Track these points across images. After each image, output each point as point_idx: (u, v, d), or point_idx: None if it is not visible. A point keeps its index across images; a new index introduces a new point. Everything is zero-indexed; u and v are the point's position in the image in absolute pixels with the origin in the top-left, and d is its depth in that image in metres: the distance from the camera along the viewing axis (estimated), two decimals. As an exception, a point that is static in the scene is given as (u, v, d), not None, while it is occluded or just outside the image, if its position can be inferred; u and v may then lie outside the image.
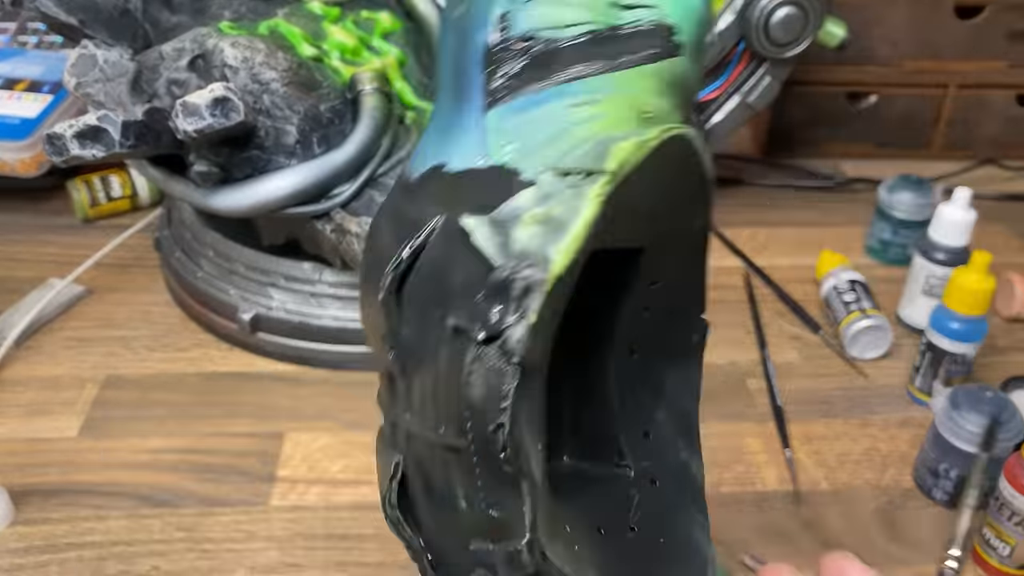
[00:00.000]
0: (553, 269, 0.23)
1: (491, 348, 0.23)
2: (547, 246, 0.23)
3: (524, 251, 0.24)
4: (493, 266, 0.24)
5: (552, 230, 0.24)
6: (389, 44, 0.68)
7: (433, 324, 0.25)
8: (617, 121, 0.26)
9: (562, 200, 0.24)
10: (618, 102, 0.26)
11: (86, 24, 0.60)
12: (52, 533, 0.53)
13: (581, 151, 0.25)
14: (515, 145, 0.26)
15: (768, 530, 0.54)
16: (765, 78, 0.72)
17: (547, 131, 0.26)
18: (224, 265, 0.68)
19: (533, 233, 0.24)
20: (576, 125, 0.26)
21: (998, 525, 0.50)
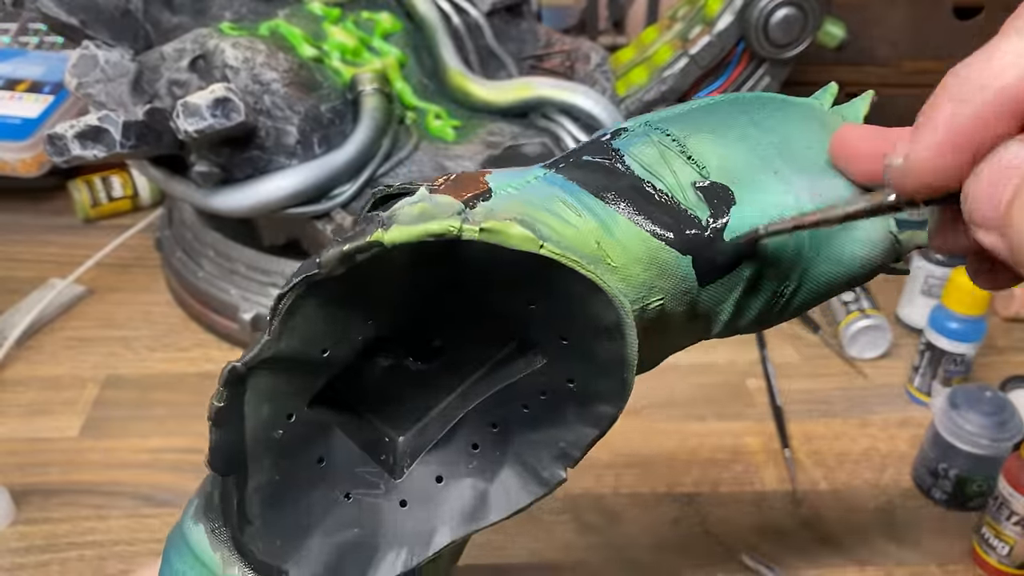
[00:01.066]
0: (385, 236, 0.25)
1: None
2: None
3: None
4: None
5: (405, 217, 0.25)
6: (389, 45, 0.69)
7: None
8: (565, 237, 0.26)
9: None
10: (590, 229, 0.27)
11: (87, 25, 0.60)
12: (53, 532, 0.53)
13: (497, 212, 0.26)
14: (510, 192, 0.27)
15: (767, 529, 0.54)
16: (764, 78, 0.72)
17: (526, 199, 0.27)
18: (225, 265, 0.68)
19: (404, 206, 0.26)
20: (544, 211, 0.27)
21: (997, 525, 0.50)
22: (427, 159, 0.63)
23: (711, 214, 0.28)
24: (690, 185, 0.28)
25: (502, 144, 0.64)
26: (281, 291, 0.26)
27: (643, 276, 0.27)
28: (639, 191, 0.28)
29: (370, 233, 0.25)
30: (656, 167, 0.28)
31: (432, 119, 0.67)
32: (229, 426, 0.27)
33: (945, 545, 0.54)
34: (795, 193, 0.28)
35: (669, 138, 0.29)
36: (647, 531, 0.54)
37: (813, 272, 0.30)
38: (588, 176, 0.28)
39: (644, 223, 0.27)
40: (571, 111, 0.67)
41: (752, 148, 0.29)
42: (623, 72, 0.73)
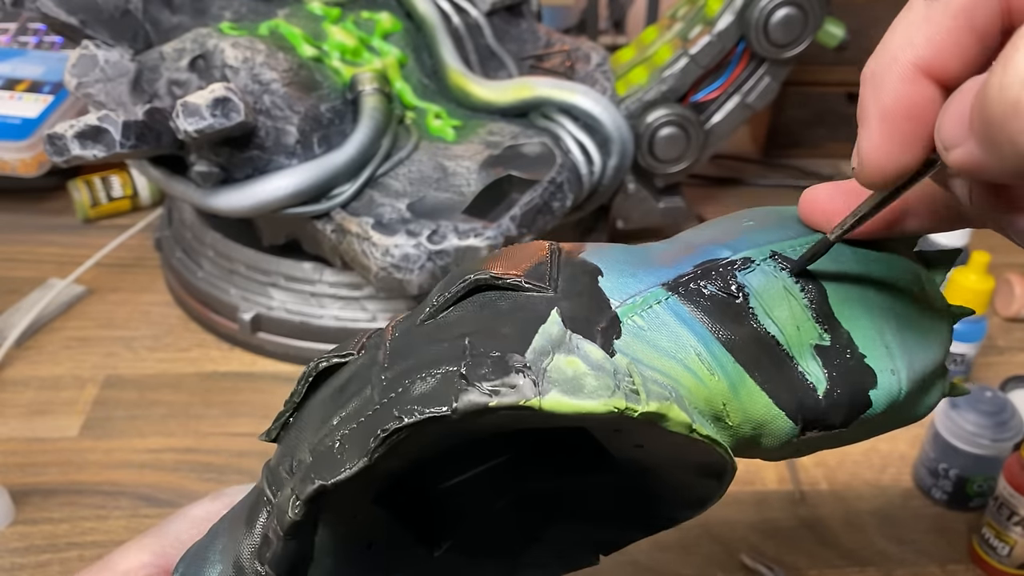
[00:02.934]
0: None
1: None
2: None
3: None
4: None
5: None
6: (389, 45, 0.69)
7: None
8: (698, 398, 0.26)
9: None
10: (720, 390, 0.26)
11: (87, 24, 0.60)
12: (53, 532, 0.53)
13: (633, 378, 0.25)
14: (639, 325, 0.26)
15: (767, 529, 0.54)
16: (764, 78, 0.72)
17: (659, 343, 0.26)
18: (225, 265, 0.68)
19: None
20: (681, 368, 0.26)
21: (997, 525, 0.50)
22: (427, 159, 0.63)
23: (828, 387, 0.27)
24: (809, 347, 0.28)
25: (502, 144, 0.64)
26: (397, 425, 0.22)
27: (751, 434, 0.27)
28: (764, 347, 0.27)
29: (523, 394, 0.22)
30: (785, 325, 0.27)
31: (432, 119, 0.67)
32: (301, 537, 0.25)
33: (945, 545, 0.54)
34: (899, 377, 0.29)
35: (799, 290, 0.28)
36: (647, 531, 0.54)
37: (879, 430, 0.31)
38: (715, 317, 0.27)
39: (769, 390, 0.27)
40: (571, 111, 0.67)
41: (873, 321, 0.29)
42: (623, 72, 0.73)
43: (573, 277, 0.27)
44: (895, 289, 0.29)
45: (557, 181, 0.62)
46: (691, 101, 0.72)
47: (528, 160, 0.64)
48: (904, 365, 0.29)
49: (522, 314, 0.25)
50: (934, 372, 0.30)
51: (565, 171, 0.63)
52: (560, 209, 0.63)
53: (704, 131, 0.73)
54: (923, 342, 0.30)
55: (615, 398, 0.23)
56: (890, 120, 0.21)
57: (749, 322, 0.27)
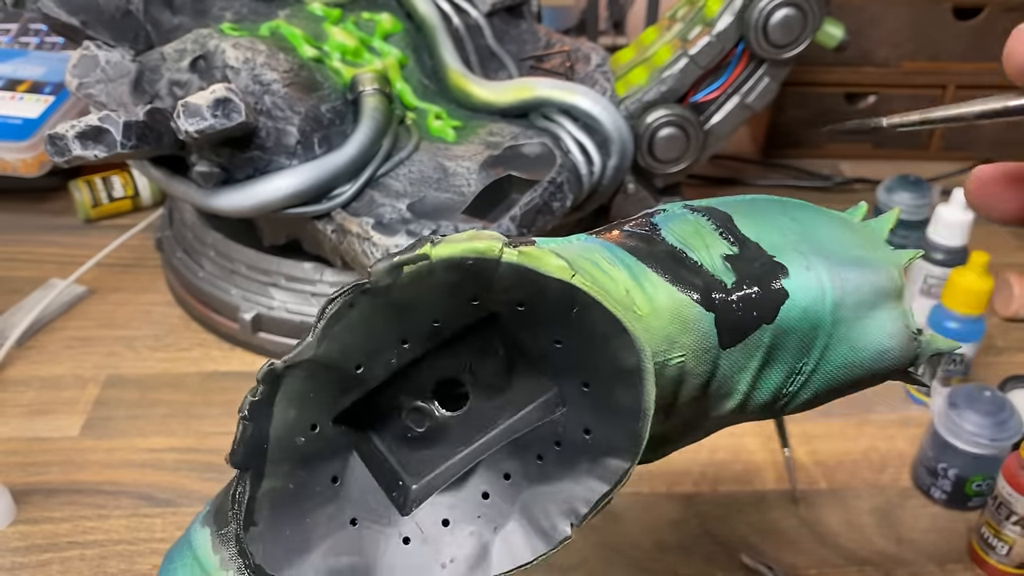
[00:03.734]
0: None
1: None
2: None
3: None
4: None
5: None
6: (390, 45, 0.69)
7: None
8: (604, 283, 0.28)
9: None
10: (621, 278, 0.28)
11: (88, 25, 0.60)
12: (54, 532, 0.53)
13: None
14: (552, 247, 0.29)
15: (767, 529, 0.54)
16: (764, 79, 0.72)
17: (569, 247, 0.29)
18: (225, 265, 0.68)
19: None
20: (580, 258, 0.28)
21: (996, 525, 0.51)
22: (427, 159, 0.63)
23: (735, 280, 0.29)
24: (719, 256, 0.30)
25: (502, 144, 0.64)
26: (330, 296, 0.27)
27: (667, 329, 0.28)
28: (672, 255, 0.30)
29: (419, 247, 0.27)
30: (690, 240, 0.30)
31: (432, 119, 0.67)
32: (257, 422, 0.27)
33: (945, 545, 0.54)
34: (816, 274, 0.30)
35: (705, 219, 0.31)
36: (647, 531, 0.54)
37: (831, 354, 0.31)
38: (626, 241, 0.30)
39: (673, 280, 0.29)
40: (571, 111, 0.67)
41: (782, 234, 0.31)
42: (623, 72, 0.73)
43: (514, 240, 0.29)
44: (815, 223, 0.32)
45: (557, 181, 0.62)
46: (691, 101, 0.73)
47: (528, 160, 0.64)
48: (824, 267, 0.30)
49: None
50: (877, 292, 0.30)
51: (565, 171, 0.64)
52: (560, 209, 0.63)
53: (704, 131, 0.73)
54: (854, 261, 0.31)
55: (494, 241, 0.27)
56: None
57: (659, 243, 0.30)
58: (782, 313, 0.29)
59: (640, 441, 0.28)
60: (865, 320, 0.31)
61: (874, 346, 0.31)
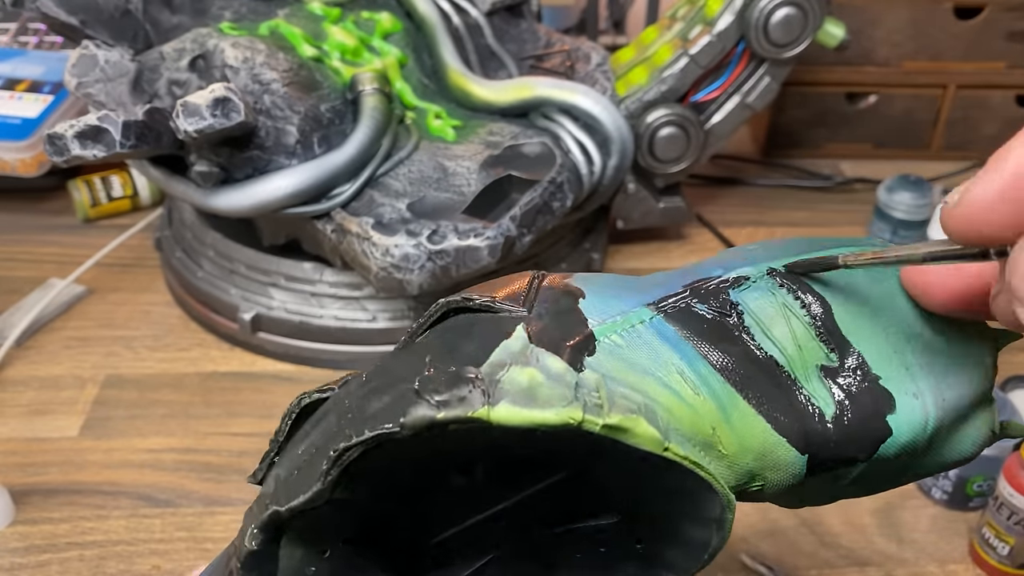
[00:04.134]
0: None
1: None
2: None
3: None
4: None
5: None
6: (389, 45, 0.69)
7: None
8: (681, 419, 0.23)
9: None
10: (708, 412, 0.24)
11: (87, 24, 0.60)
12: (53, 532, 0.53)
13: (609, 396, 0.23)
14: (615, 342, 0.24)
15: (767, 529, 0.54)
16: (764, 78, 0.72)
17: (636, 361, 0.24)
18: (225, 265, 0.68)
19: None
20: (659, 385, 0.24)
21: (997, 525, 0.50)
22: (427, 159, 0.63)
23: (836, 412, 0.25)
24: (815, 367, 0.25)
25: (502, 144, 0.64)
26: (347, 444, 0.22)
27: (752, 466, 0.25)
28: (762, 368, 0.25)
29: (471, 405, 0.21)
30: (782, 339, 0.25)
31: (432, 119, 0.67)
32: (261, 569, 0.24)
33: (945, 545, 0.54)
34: (923, 401, 0.26)
35: (798, 304, 0.26)
36: (647, 531, 0.54)
37: (914, 472, 0.28)
38: (704, 337, 0.25)
39: (765, 412, 0.25)
40: (571, 111, 0.67)
41: (886, 334, 0.26)
42: (623, 72, 0.73)
43: (553, 299, 0.25)
44: (916, 309, 0.27)
45: (557, 181, 0.62)
46: (691, 101, 0.72)
47: (528, 160, 0.64)
48: (929, 388, 0.26)
49: (488, 331, 0.24)
50: (973, 402, 0.27)
51: (565, 171, 0.63)
52: (560, 209, 0.63)
53: (704, 131, 0.73)
54: (956, 365, 0.27)
55: (571, 408, 0.21)
56: (1018, 190, 0.19)
57: (744, 342, 0.25)
58: (881, 449, 0.26)
59: (700, 567, 0.26)
60: (957, 435, 0.28)
61: (956, 456, 0.28)
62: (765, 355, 0.25)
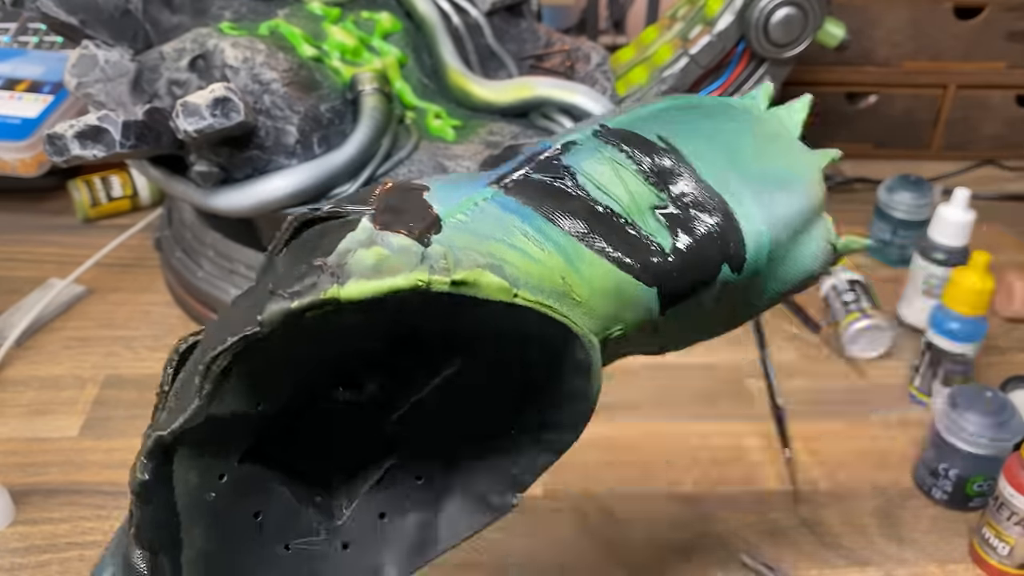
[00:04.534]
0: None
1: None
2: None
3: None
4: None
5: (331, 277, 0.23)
6: (389, 45, 0.69)
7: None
8: (530, 274, 0.25)
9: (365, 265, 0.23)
10: (555, 264, 0.25)
11: (87, 24, 0.60)
12: (53, 533, 0.53)
13: (448, 255, 0.24)
14: (460, 220, 0.25)
15: (767, 529, 0.54)
16: (764, 78, 0.72)
17: (481, 231, 0.25)
18: (225, 265, 0.68)
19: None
20: (505, 247, 0.25)
21: (997, 525, 0.50)
22: (427, 159, 0.63)
23: (672, 242, 0.27)
24: (649, 209, 0.27)
25: (502, 144, 0.64)
26: (213, 353, 0.22)
27: (608, 309, 0.26)
28: (598, 217, 0.27)
29: (322, 288, 0.22)
30: (612, 188, 0.27)
31: (432, 119, 0.67)
32: (156, 499, 0.24)
33: (945, 545, 0.54)
34: (752, 222, 0.28)
35: (623, 154, 0.28)
36: (647, 531, 0.54)
37: (764, 290, 0.30)
38: (543, 200, 0.26)
39: (609, 254, 0.26)
40: (571, 111, 0.67)
41: (708, 164, 0.28)
42: (623, 72, 0.73)
43: (398, 196, 0.26)
44: (736, 139, 0.29)
45: (557, 181, 0.62)
46: (691, 101, 0.72)
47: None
48: (759, 209, 0.28)
49: (332, 231, 0.24)
50: (805, 217, 0.29)
51: (565, 171, 0.63)
52: (560, 209, 0.63)
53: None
54: (782, 184, 0.29)
55: (418, 271, 0.22)
56: None
57: (581, 199, 0.27)
58: (723, 272, 0.28)
59: (586, 420, 0.28)
60: (794, 250, 0.29)
61: (801, 273, 0.30)
62: (603, 207, 0.27)
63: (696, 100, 0.30)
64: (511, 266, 0.24)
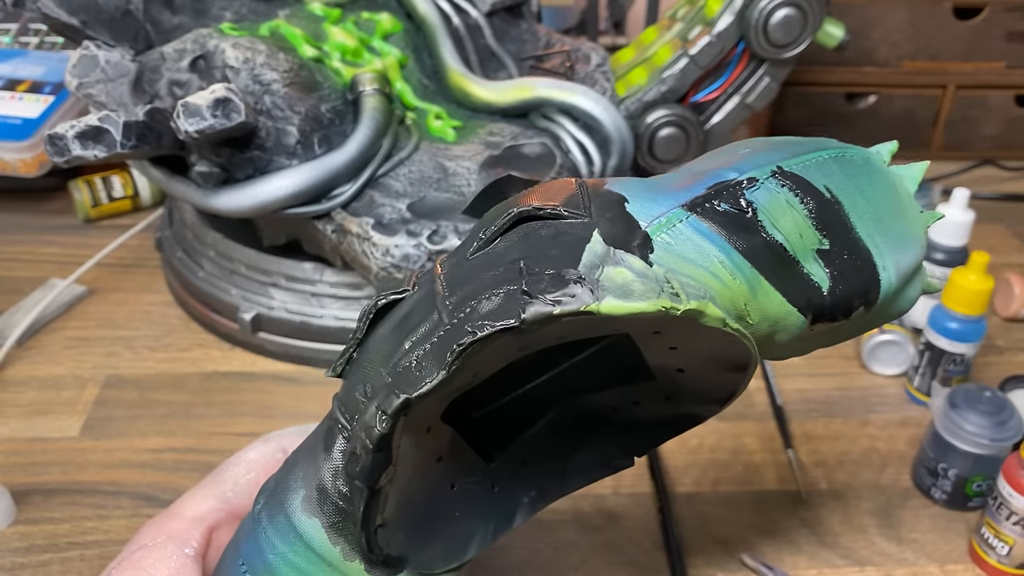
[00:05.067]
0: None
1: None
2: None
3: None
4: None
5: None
6: (390, 45, 0.69)
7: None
8: (724, 300, 0.29)
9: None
10: (741, 291, 0.30)
11: (88, 25, 0.60)
12: (54, 532, 0.53)
13: (669, 287, 0.27)
14: (667, 240, 0.29)
15: (767, 530, 0.54)
16: (764, 79, 0.72)
17: (686, 255, 0.29)
18: (225, 265, 0.68)
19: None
20: (707, 273, 0.29)
21: (996, 525, 0.51)
22: (427, 159, 0.63)
23: (829, 286, 0.32)
24: (811, 251, 0.32)
25: (502, 144, 0.64)
26: (472, 338, 0.25)
27: (768, 330, 0.31)
28: (775, 253, 0.31)
29: (582, 300, 0.25)
30: (788, 230, 0.31)
31: (432, 119, 0.67)
32: (386, 448, 0.27)
33: (945, 545, 0.54)
34: (889, 274, 0.33)
35: (797, 199, 0.32)
36: (647, 531, 0.54)
37: (870, 325, 0.35)
38: (731, 230, 0.30)
39: (782, 289, 0.31)
40: (571, 111, 0.67)
41: (861, 219, 0.33)
42: (623, 72, 0.73)
43: (604, 205, 0.30)
44: (879, 196, 0.34)
45: (557, 181, 0.62)
46: (691, 101, 0.72)
47: (528, 160, 0.64)
48: (892, 262, 0.33)
49: (566, 238, 0.28)
50: (915, 268, 0.35)
51: (565, 171, 0.63)
52: (560, 209, 0.63)
53: (704, 131, 0.73)
54: (905, 240, 0.34)
55: (661, 299, 0.26)
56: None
57: (760, 232, 0.30)
58: (856, 312, 0.33)
59: (726, 404, 0.33)
60: (903, 294, 0.35)
61: (898, 312, 0.36)
62: (776, 242, 0.31)
63: (847, 153, 0.34)
64: (713, 292, 0.29)
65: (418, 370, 0.26)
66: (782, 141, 0.34)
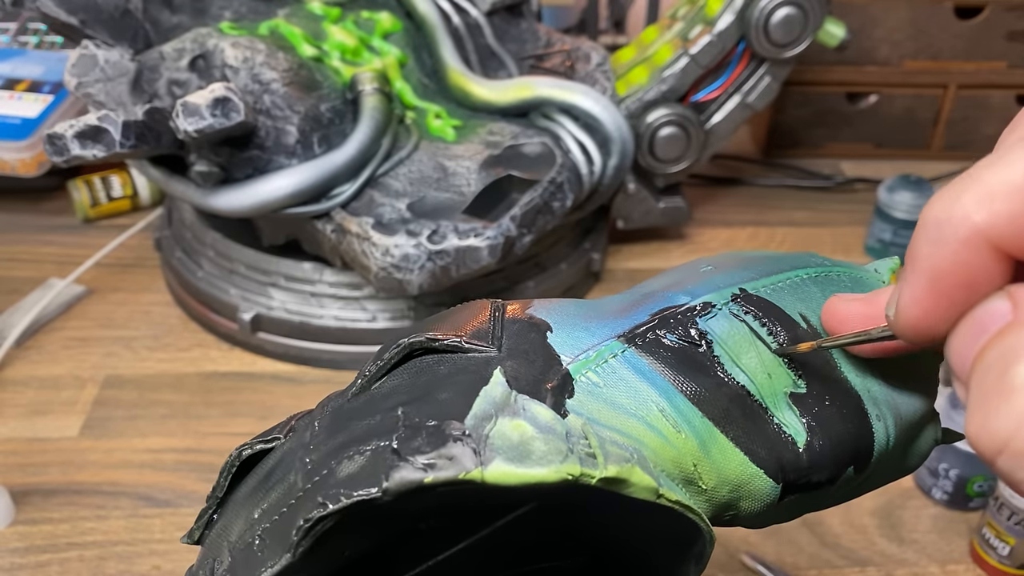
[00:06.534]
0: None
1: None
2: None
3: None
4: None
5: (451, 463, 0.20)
6: (389, 44, 0.69)
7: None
8: (665, 459, 0.23)
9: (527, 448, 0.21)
10: (689, 449, 0.24)
11: (87, 24, 0.60)
12: (53, 533, 0.53)
13: (606, 443, 0.22)
14: (592, 381, 0.24)
15: (767, 529, 0.54)
16: (765, 78, 0.72)
17: (616, 400, 0.23)
18: (225, 265, 0.68)
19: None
20: (643, 426, 0.23)
21: (997, 525, 0.50)
22: (427, 159, 0.63)
23: (808, 439, 0.25)
24: (784, 394, 0.25)
25: (502, 144, 0.64)
26: (321, 513, 0.20)
27: (729, 498, 0.25)
28: (735, 398, 0.24)
29: (461, 465, 0.20)
30: (748, 364, 0.25)
31: (432, 119, 0.67)
32: None
33: (945, 545, 0.54)
34: (884, 424, 0.26)
35: (762, 327, 0.25)
36: (647, 531, 0.54)
37: (867, 487, 0.29)
38: (677, 370, 0.24)
39: (743, 445, 0.24)
40: (571, 111, 0.67)
41: (847, 355, 0.26)
42: (623, 72, 0.73)
43: (519, 334, 0.24)
44: None
45: (557, 181, 0.62)
46: (691, 101, 0.72)
47: (528, 160, 0.64)
48: (889, 411, 0.26)
49: (462, 376, 0.22)
50: (923, 417, 0.27)
51: (565, 171, 0.63)
52: (560, 209, 0.63)
53: (704, 131, 0.73)
54: (909, 384, 0.27)
55: (568, 463, 0.20)
56: (938, 287, 0.19)
57: (715, 372, 0.24)
58: (845, 474, 0.26)
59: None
60: (909, 448, 0.28)
61: (906, 469, 0.29)
62: (737, 384, 0.25)
63: (832, 272, 0.28)
64: (649, 451, 0.23)
65: (260, 550, 0.21)
66: (755, 257, 0.28)
